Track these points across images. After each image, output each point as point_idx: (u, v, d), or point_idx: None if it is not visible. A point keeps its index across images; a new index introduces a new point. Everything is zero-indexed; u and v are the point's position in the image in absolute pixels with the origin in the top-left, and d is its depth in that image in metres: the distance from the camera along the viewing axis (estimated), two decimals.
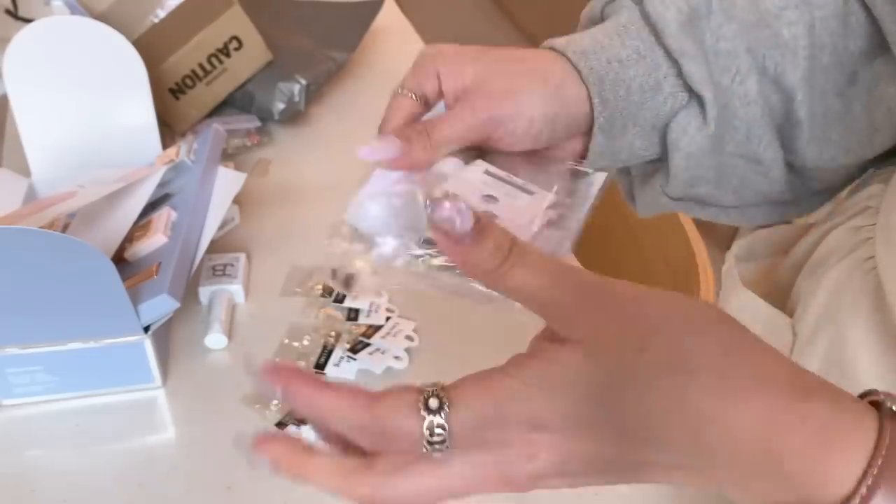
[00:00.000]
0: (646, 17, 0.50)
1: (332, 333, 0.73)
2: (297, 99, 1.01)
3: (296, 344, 0.72)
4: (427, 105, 0.50)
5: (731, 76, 0.50)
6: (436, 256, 0.41)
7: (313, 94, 1.03)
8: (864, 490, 0.31)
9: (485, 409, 0.34)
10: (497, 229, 0.35)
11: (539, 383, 0.34)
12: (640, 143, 0.51)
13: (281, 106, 1.01)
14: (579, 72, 0.49)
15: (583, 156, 0.51)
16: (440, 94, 0.50)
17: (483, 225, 0.35)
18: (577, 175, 0.48)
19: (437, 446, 0.34)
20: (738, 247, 0.68)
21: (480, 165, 0.46)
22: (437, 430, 0.34)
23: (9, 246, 0.58)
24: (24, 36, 0.80)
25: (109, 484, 0.61)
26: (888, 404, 0.33)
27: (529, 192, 0.45)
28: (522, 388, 0.34)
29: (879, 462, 0.31)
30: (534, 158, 0.49)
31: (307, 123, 1.04)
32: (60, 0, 0.99)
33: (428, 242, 0.41)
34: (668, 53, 0.49)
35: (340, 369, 0.70)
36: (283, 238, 0.85)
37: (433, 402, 0.34)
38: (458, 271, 0.40)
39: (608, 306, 0.34)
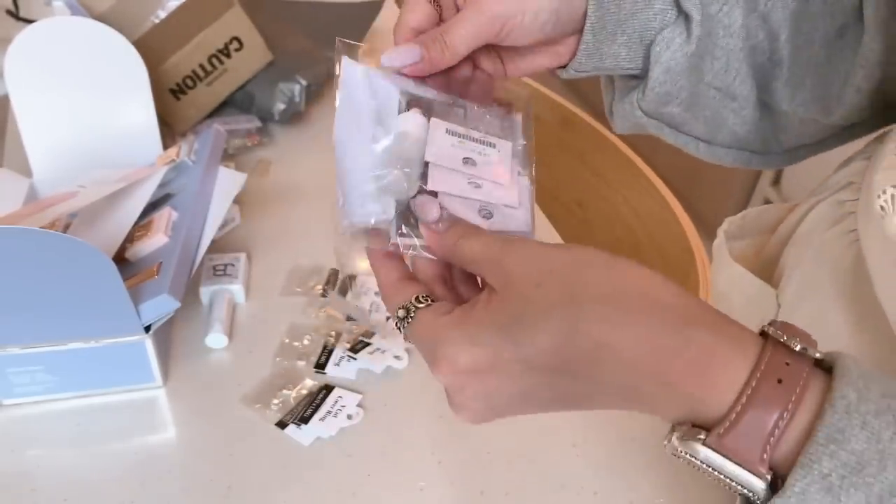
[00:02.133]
0: None
1: (333, 333, 0.73)
2: (297, 99, 1.01)
3: (296, 344, 0.73)
4: (440, 10, 0.52)
5: (719, 4, 0.52)
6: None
7: (313, 94, 1.03)
8: (738, 408, 0.34)
9: (426, 348, 0.41)
10: (463, 224, 0.44)
11: (460, 327, 0.39)
12: (625, 53, 0.54)
13: (281, 106, 1.01)
14: None
15: (570, 58, 0.54)
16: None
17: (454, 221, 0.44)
18: (507, 111, 0.52)
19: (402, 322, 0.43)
20: (728, 223, 0.69)
21: (439, 125, 0.49)
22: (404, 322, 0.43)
23: (9, 246, 0.58)
24: (25, 36, 0.81)
25: (109, 483, 0.61)
26: (773, 331, 0.36)
27: (492, 145, 0.49)
28: (451, 333, 0.39)
29: (754, 383, 0.34)
30: (470, 105, 0.52)
31: (307, 123, 1.04)
32: (61, 1, 0.99)
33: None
34: None
35: (341, 369, 0.70)
36: (283, 238, 0.85)
37: (401, 313, 0.43)
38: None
39: (523, 258, 0.39)
